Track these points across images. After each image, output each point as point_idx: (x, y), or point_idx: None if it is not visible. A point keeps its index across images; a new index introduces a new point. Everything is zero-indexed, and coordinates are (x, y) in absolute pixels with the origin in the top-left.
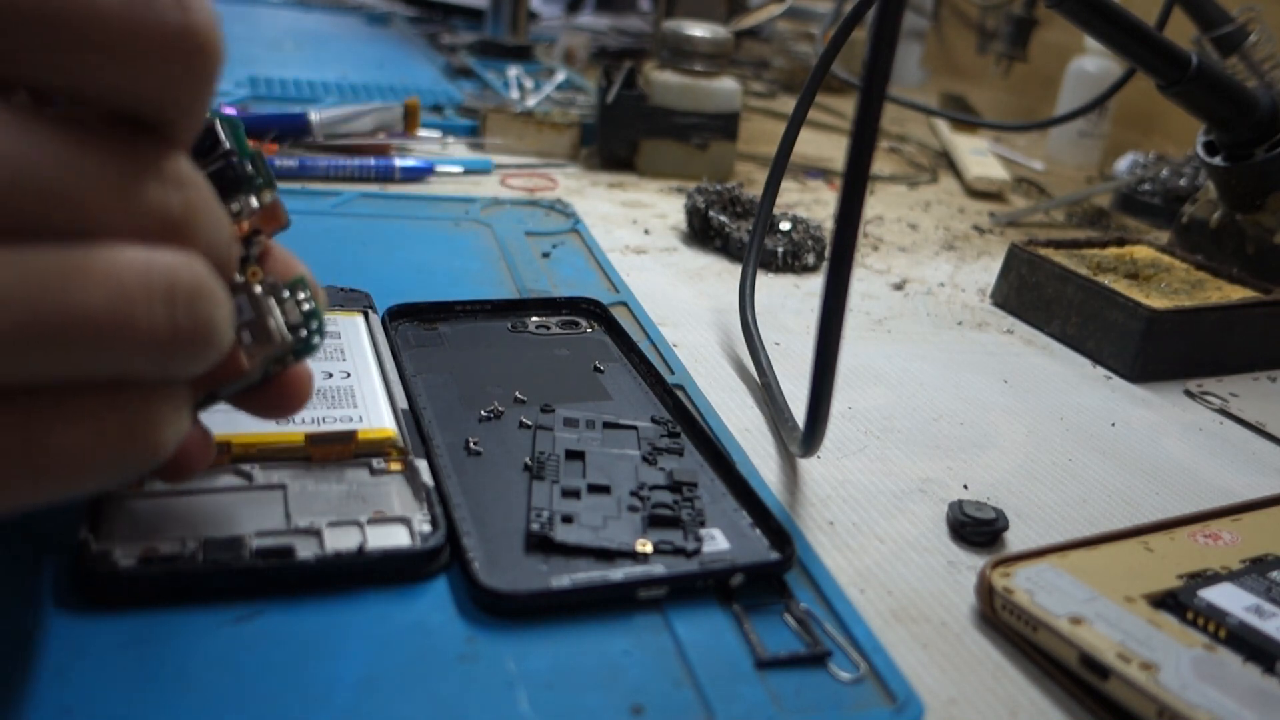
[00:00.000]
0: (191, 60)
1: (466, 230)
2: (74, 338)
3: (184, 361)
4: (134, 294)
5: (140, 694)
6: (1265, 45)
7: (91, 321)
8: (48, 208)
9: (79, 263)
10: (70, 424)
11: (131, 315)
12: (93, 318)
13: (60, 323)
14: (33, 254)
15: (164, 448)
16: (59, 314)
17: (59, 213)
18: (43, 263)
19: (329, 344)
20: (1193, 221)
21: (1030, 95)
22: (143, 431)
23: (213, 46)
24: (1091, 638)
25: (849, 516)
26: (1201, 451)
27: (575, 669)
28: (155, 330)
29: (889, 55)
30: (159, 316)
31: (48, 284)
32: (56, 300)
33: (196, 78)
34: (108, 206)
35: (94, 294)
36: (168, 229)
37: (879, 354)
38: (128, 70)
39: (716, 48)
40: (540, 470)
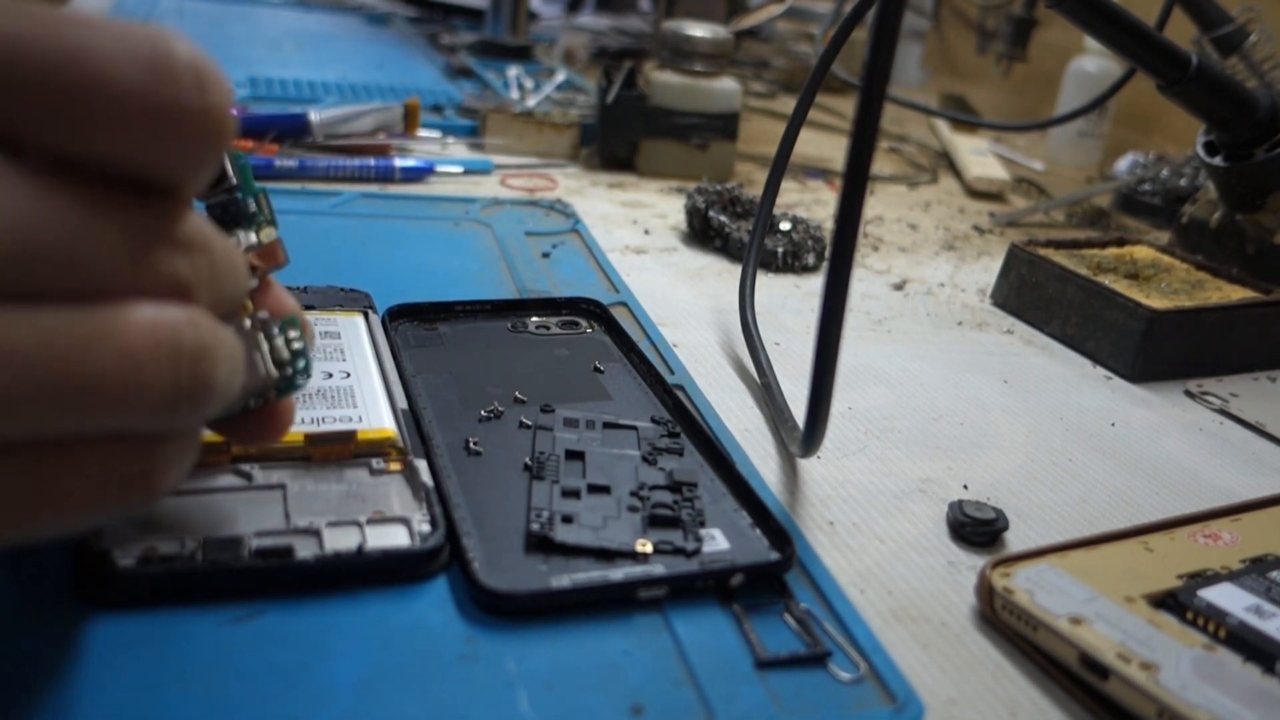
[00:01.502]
0: (207, 138)
1: (466, 230)
2: (86, 400)
3: (186, 417)
4: (141, 357)
5: (140, 694)
6: (1265, 45)
7: (102, 385)
8: (60, 271)
9: (91, 327)
10: (78, 473)
11: (139, 378)
12: (104, 381)
13: (74, 386)
14: (46, 317)
15: (167, 490)
16: (73, 378)
17: (71, 276)
18: (57, 326)
19: (329, 344)
20: (1193, 221)
21: (1030, 95)
22: (145, 478)
23: (227, 126)
24: (1091, 638)
25: (849, 516)
26: (1201, 451)
27: (575, 669)
28: (161, 391)
29: (889, 55)
30: (164, 378)
31: (62, 349)
32: (71, 365)
33: (210, 152)
34: (119, 270)
35: (105, 359)
36: (177, 291)
37: (879, 354)
38: (144, 143)
39: (716, 48)
40: (540, 470)
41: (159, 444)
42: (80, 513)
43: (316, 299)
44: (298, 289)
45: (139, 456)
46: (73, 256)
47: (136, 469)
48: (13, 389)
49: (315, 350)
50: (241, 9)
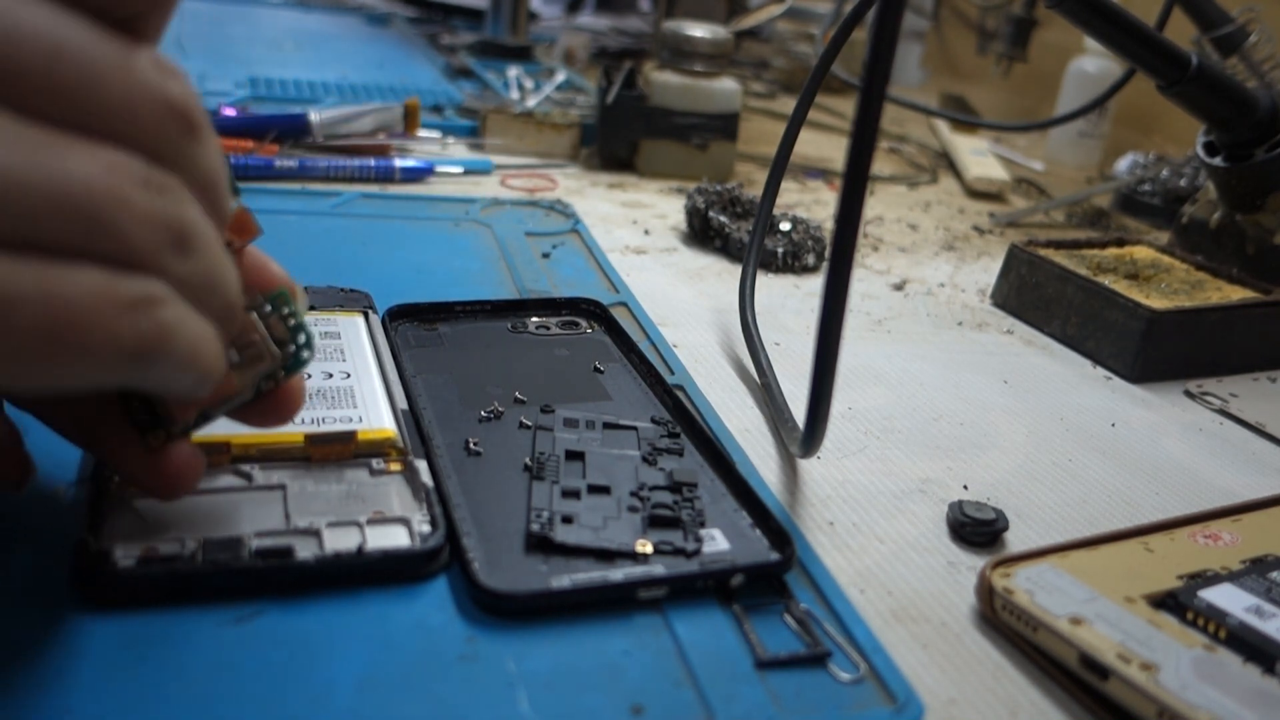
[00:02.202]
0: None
1: (466, 230)
2: (74, 201)
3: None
4: (123, 174)
5: (140, 694)
6: (1265, 45)
7: (89, 187)
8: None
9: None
10: (79, 278)
11: (123, 190)
12: (91, 185)
13: (62, 184)
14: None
15: (167, 331)
16: (61, 177)
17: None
18: (49, 135)
19: (329, 344)
20: (1193, 222)
21: (1030, 95)
22: (145, 306)
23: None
24: (1091, 638)
25: (849, 517)
26: (1201, 452)
27: (575, 669)
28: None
29: (889, 55)
30: (141, 196)
31: (54, 150)
32: (59, 165)
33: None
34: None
35: (92, 166)
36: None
37: (879, 354)
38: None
39: (716, 48)
40: (540, 470)
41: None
42: (100, 337)
43: (316, 299)
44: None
45: (139, 282)
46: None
47: (141, 290)
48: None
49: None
50: (241, 9)
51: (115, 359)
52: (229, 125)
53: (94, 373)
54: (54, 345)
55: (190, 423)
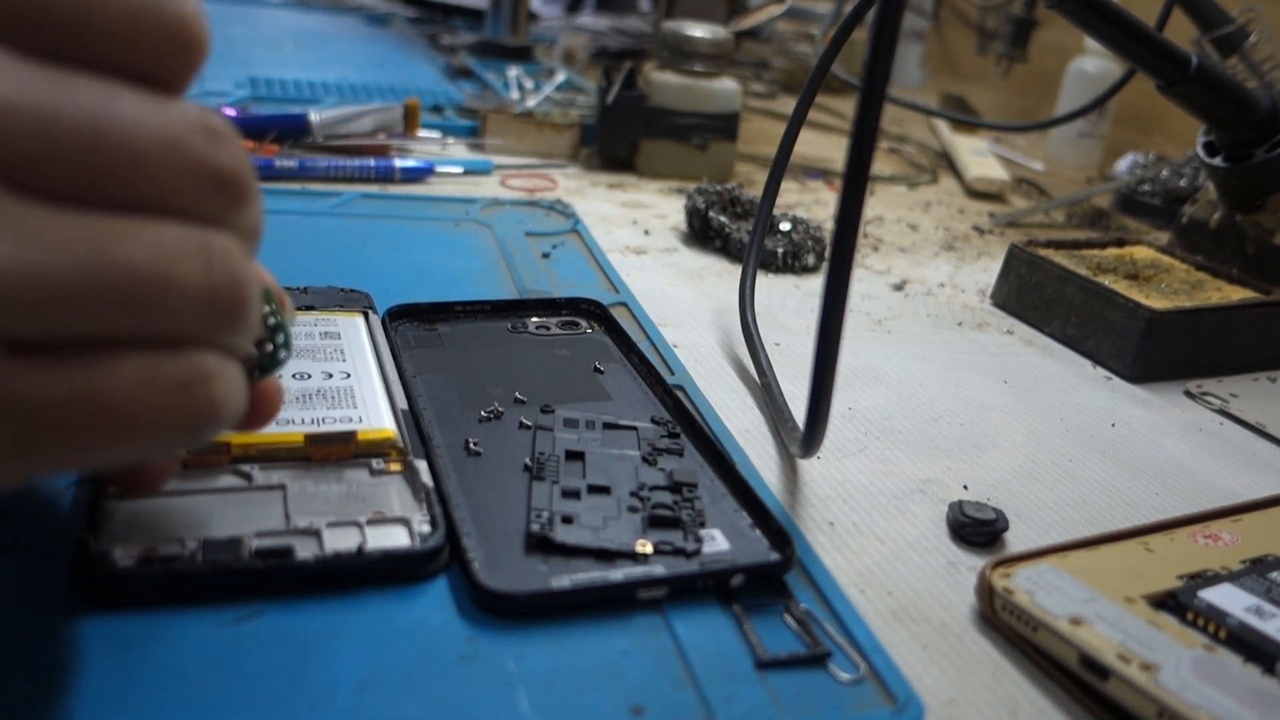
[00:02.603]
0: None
1: (466, 230)
2: (120, 292)
3: (226, 320)
4: (172, 253)
5: (140, 694)
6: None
7: (135, 276)
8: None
9: (124, 226)
10: (124, 372)
11: (172, 271)
12: (136, 273)
13: (108, 277)
14: (84, 216)
15: (218, 405)
16: (107, 269)
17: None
18: (93, 223)
19: (329, 344)
20: (1193, 222)
21: (1030, 95)
22: (203, 382)
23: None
24: (1091, 638)
25: (849, 517)
26: (1201, 452)
27: (575, 669)
28: (195, 285)
29: (889, 55)
30: (196, 272)
31: (96, 241)
32: (104, 258)
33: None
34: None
35: (137, 252)
36: (221, 188)
37: (879, 354)
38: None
39: (716, 48)
40: (540, 471)
41: (207, 349)
42: (133, 420)
43: (316, 299)
44: (298, 289)
45: (188, 359)
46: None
47: (188, 371)
48: (50, 273)
49: (317, 352)
50: (241, 9)
51: (163, 439)
52: None
53: (142, 452)
54: (93, 441)
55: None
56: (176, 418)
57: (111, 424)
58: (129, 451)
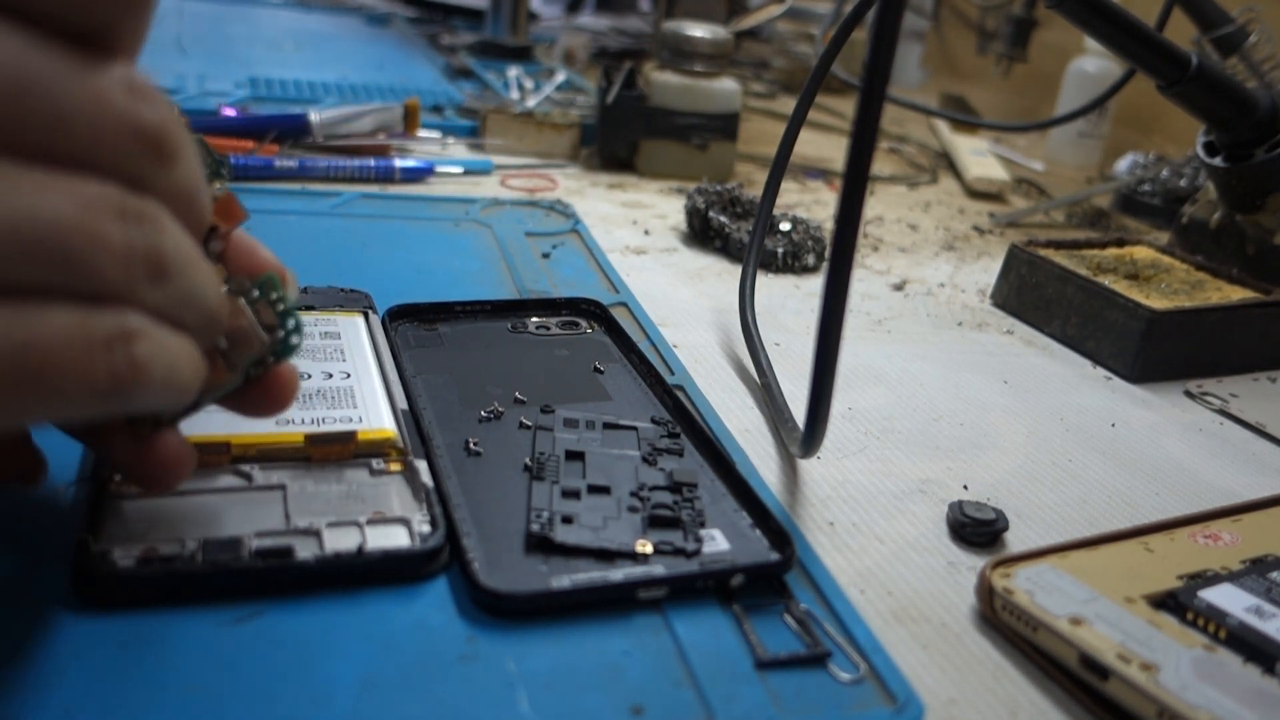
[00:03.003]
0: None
1: (466, 231)
2: (46, 242)
3: (144, 279)
4: (95, 208)
5: (140, 694)
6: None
7: (61, 227)
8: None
9: (47, 179)
10: (48, 323)
11: (96, 226)
12: (63, 224)
13: (33, 226)
14: (8, 165)
15: (142, 366)
16: (31, 218)
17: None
18: (18, 173)
19: (329, 344)
20: (1193, 222)
21: (1030, 95)
22: (118, 341)
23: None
24: (1091, 638)
25: (849, 517)
26: (1201, 452)
27: (575, 669)
28: (114, 242)
29: (889, 55)
30: (115, 230)
31: (22, 190)
32: (28, 205)
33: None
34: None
35: (62, 204)
36: (143, 143)
37: (879, 354)
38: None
39: (716, 48)
40: (540, 471)
41: (133, 309)
42: (69, 376)
43: (316, 299)
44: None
45: (114, 317)
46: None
47: (114, 327)
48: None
49: (317, 352)
50: (241, 9)
51: (90, 397)
52: (229, 125)
53: (68, 410)
54: (24, 388)
55: (179, 412)
56: (100, 374)
57: (36, 374)
58: (52, 407)
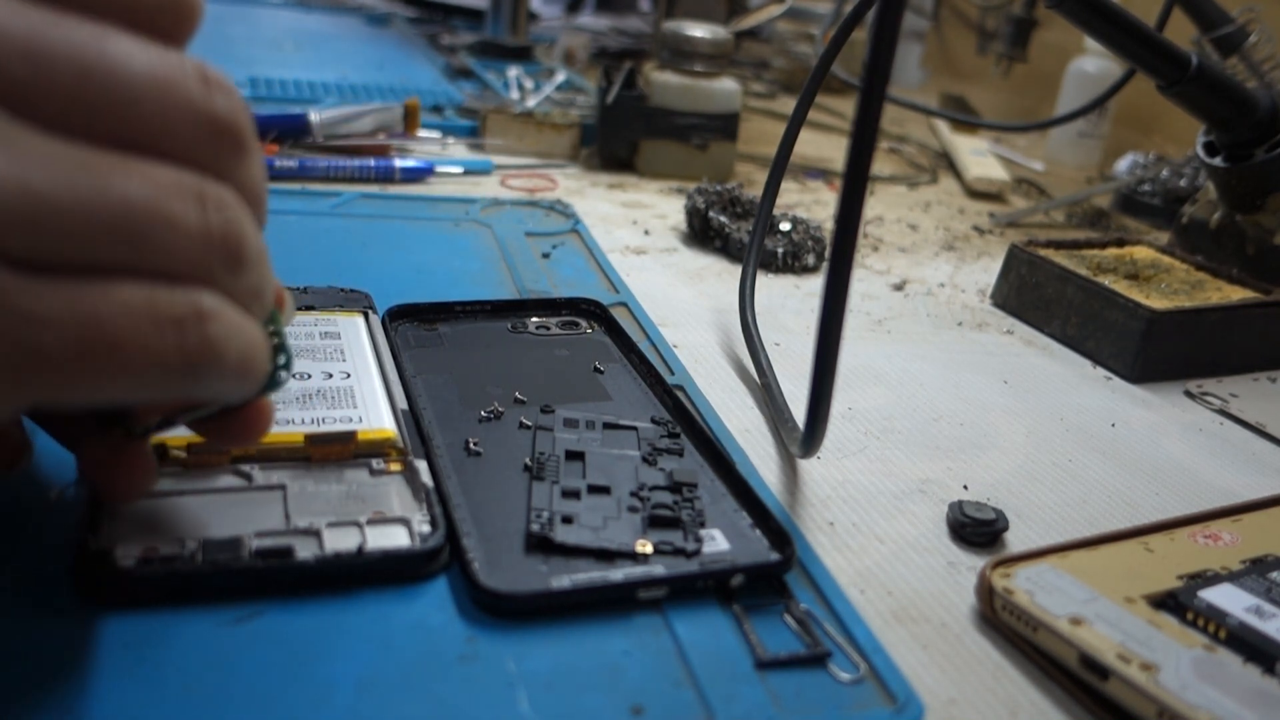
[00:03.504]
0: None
1: (466, 231)
2: (115, 219)
3: (221, 265)
4: (169, 190)
5: (140, 694)
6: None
7: (129, 206)
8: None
9: (118, 159)
10: (120, 298)
11: (168, 207)
12: (131, 203)
13: (101, 203)
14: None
15: (215, 346)
16: (100, 195)
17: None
18: (87, 153)
19: (329, 344)
20: (1193, 222)
21: (1030, 95)
22: (199, 320)
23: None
24: (1091, 638)
25: (849, 517)
26: (1201, 452)
27: (575, 669)
28: (189, 224)
29: (889, 55)
30: (192, 213)
31: (91, 169)
32: (97, 183)
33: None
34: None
35: (132, 184)
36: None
37: (879, 354)
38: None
39: (716, 48)
40: (540, 471)
41: (205, 289)
42: (142, 354)
43: (316, 299)
44: (298, 289)
45: (186, 295)
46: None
47: (186, 306)
48: (43, 191)
49: (317, 352)
50: (241, 9)
51: (159, 375)
52: None
53: (140, 389)
54: (91, 363)
55: (152, 425)
56: (170, 352)
57: (104, 350)
58: (123, 385)
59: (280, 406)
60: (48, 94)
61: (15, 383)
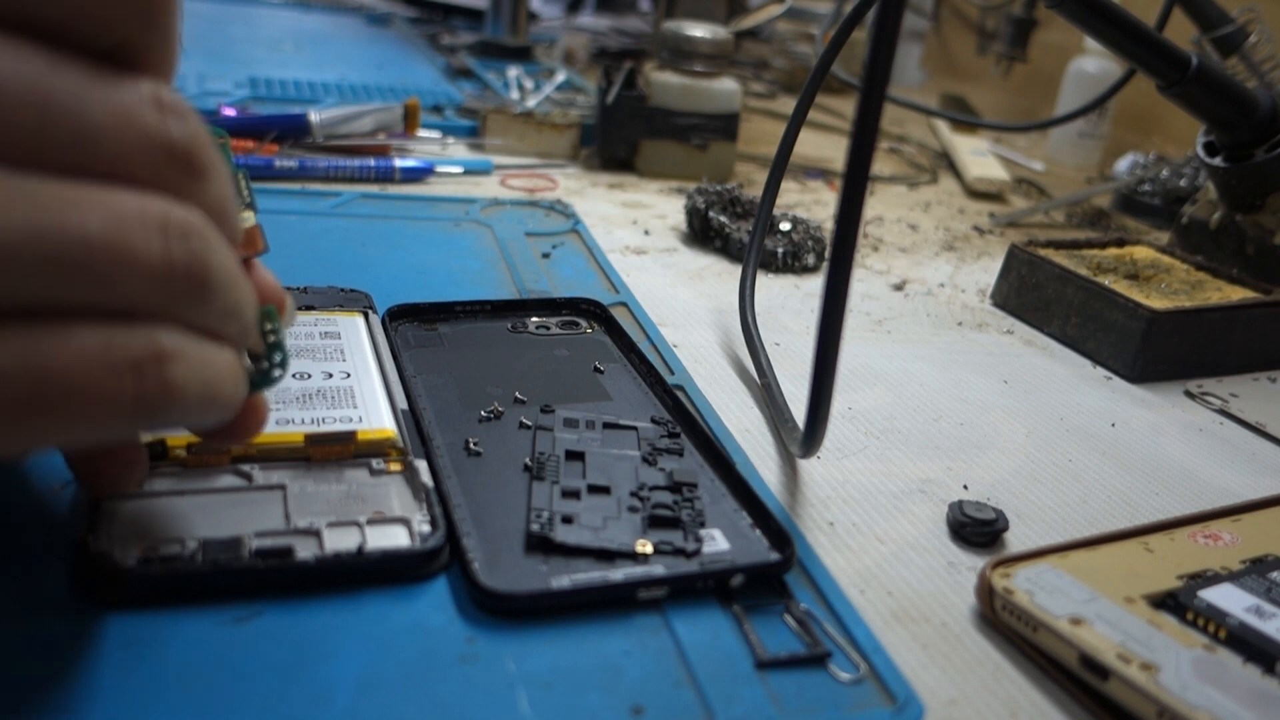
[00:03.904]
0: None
1: (466, 231)
2: (71, 258)
3: (185, 296)
4: (130, 223)
5: (140, 694)
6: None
7: (87, 243)
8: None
9: (78, 193)
10: (73, 345)
11: (127, 242)
12: (89, 240)
13: (57, 241)
14: (35, 181)
15: (174, 387)
16: (57, 233)
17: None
18: (44, 188)
19: (329, 344)
20: (1193, 222)
21: (1030, 95)
22: (157, 363)
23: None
24: (1091, 638)
25: (849, 517)
26: (1201, 452)
27: (575, 669)
28: (150, 258)
29: (889, 55)
30: (154, 246)
31: (48, 205)
32: (54, 220)
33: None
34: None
35: (90, 219)
36: (173, 159)
37: (879, 354)
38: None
39: (716, 48)
40: (540, 471)
41: (167, 327)
42: (81, 401)
43: (316, 299)
44: (298, 289)
45: (144, 337)
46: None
47: (143, 349)
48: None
49: (317, 352)
50: (241, 9)
51: (115, 420)
52: (229, 125)
53: (96, 433)
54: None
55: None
56: (127, 398)
57: (55, 399)
58: (76, 431)
59: (280, 406)
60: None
61: None
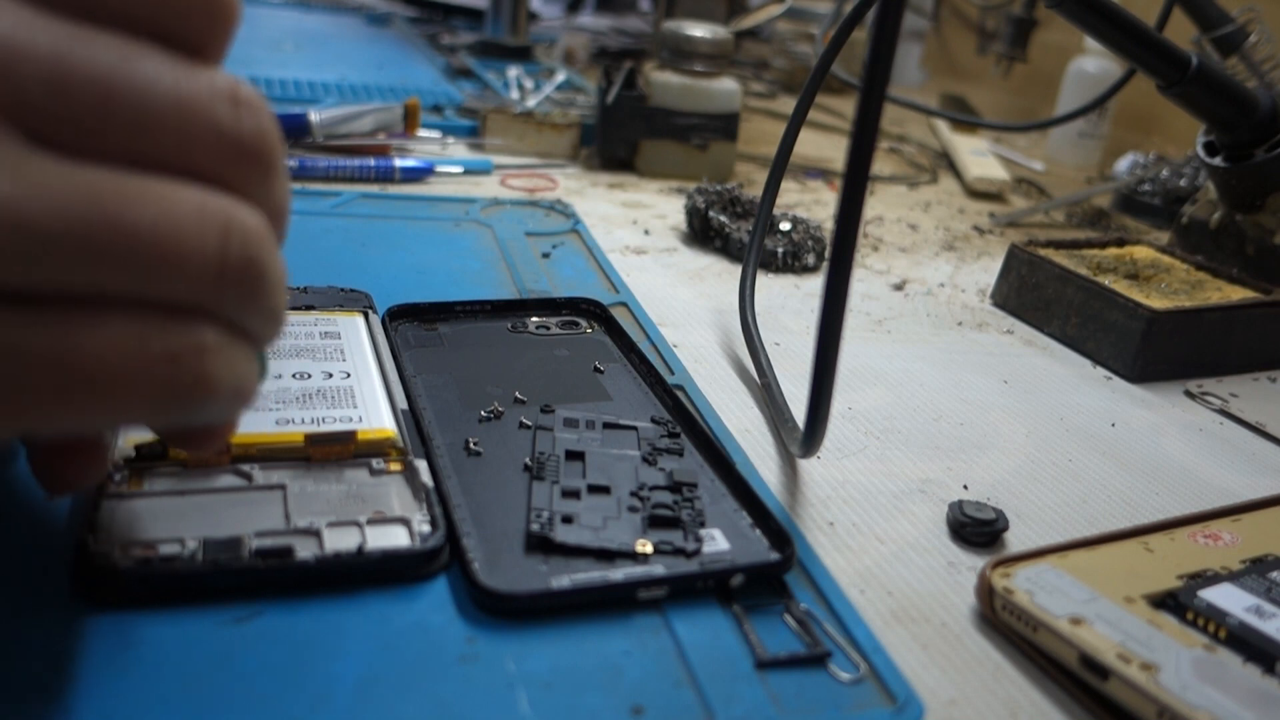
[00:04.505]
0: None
1: (466, 230)
2: (116, 250)
3: (235, 298)
4: (185, 220)
5: (140, 694)
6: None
7: (136, 236)
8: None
9: (134, 184)
10: (108, 334)
11: (178, 239)
12: (139, 233)
13: (103, 232)
14: (90, 169)
15: (210, 382)
16: (103, 224)
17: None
18: (99, 177)
19: (329, 344)
20: (1193, 222)
21: (1030, 95)
22: (197, 356)
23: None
24: (1091, 638)
25: (849, 517)
26: (1201, 452)
27: (575, 669)
28: (204, 259)
29: (889, 55)
30: (210, 245)
31: (100, 194)
32: (103, 211)
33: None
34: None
35: (144, 212)
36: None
37: (879, 354)
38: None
39: (716, 48)
40: (540, 470)
41: (209, 323)
42: (111, 386)
43: (316, 299)
44: (298, 289)
45: (184, 330)
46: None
47: (182, 343)
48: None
49: (317, 352)
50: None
51: (148, 409)
52: None
53: (127, 420)
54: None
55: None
56: (161, 389)
57: (85, 386)
58: (106, 417)
59: (280, 406)
60: (67, 118)
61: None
